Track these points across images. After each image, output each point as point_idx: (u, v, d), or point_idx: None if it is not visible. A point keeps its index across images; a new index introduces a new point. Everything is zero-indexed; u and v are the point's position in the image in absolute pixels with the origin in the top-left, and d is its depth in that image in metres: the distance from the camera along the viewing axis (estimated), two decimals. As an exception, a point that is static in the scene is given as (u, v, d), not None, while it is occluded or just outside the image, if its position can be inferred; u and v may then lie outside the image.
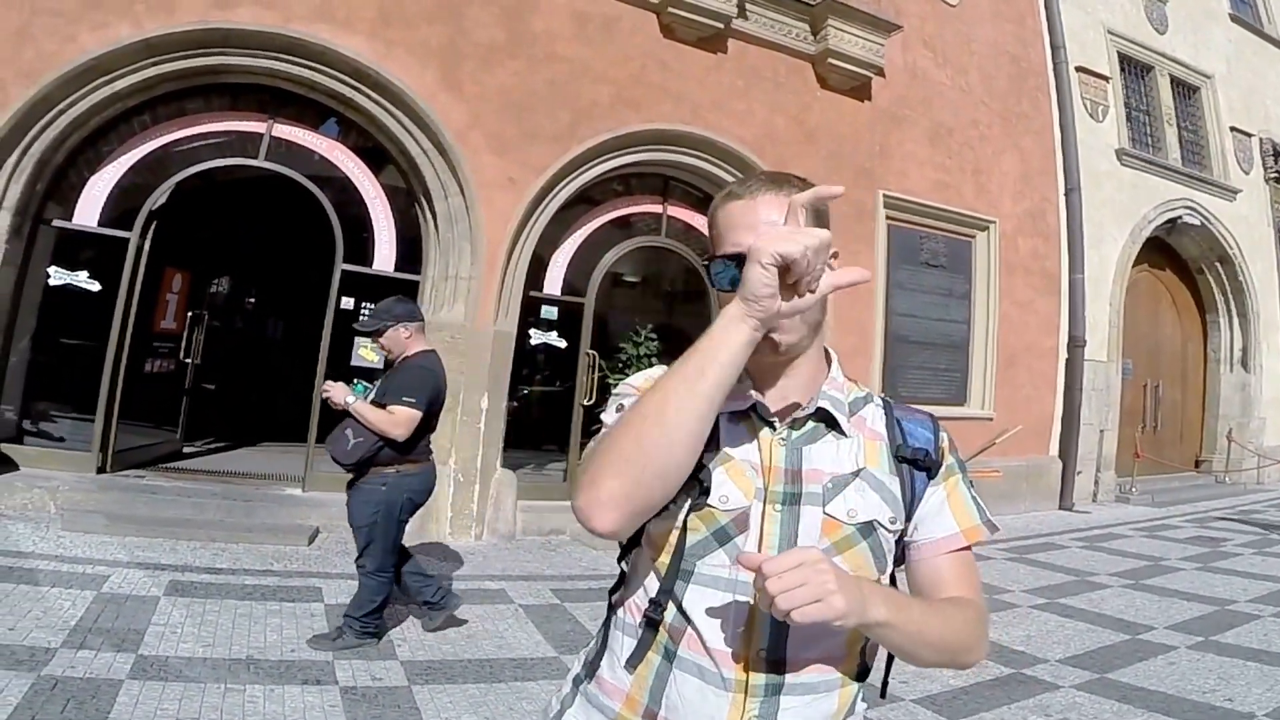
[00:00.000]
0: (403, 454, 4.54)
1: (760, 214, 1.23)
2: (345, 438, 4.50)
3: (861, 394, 1.35)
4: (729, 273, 1.20)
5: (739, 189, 1.28)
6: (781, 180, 1.27)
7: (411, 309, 4.86)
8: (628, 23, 8.45)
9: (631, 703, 1.23)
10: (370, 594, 4.49)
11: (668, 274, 10.17)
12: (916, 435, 1.33)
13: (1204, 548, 9.05)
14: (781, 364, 1.26)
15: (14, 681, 3.49)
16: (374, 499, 4.49)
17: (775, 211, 1.21)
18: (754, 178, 1.30)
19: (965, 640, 1.23)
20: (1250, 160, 14.69)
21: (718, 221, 1.29)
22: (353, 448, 4.46)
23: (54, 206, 6.95)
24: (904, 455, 1.29)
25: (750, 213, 1.24)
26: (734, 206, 1.27)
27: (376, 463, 4.49)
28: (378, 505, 4.48)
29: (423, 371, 4.64)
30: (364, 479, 4.54)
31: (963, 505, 1.31)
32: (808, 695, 1.19)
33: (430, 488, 4.79)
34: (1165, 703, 4.44)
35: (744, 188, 1.28)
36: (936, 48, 10.72)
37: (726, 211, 1.28)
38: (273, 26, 6.95)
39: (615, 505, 1.09)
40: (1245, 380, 14.36)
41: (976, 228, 10.84)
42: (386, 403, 4.50)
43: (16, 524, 5.86)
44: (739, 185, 1.30)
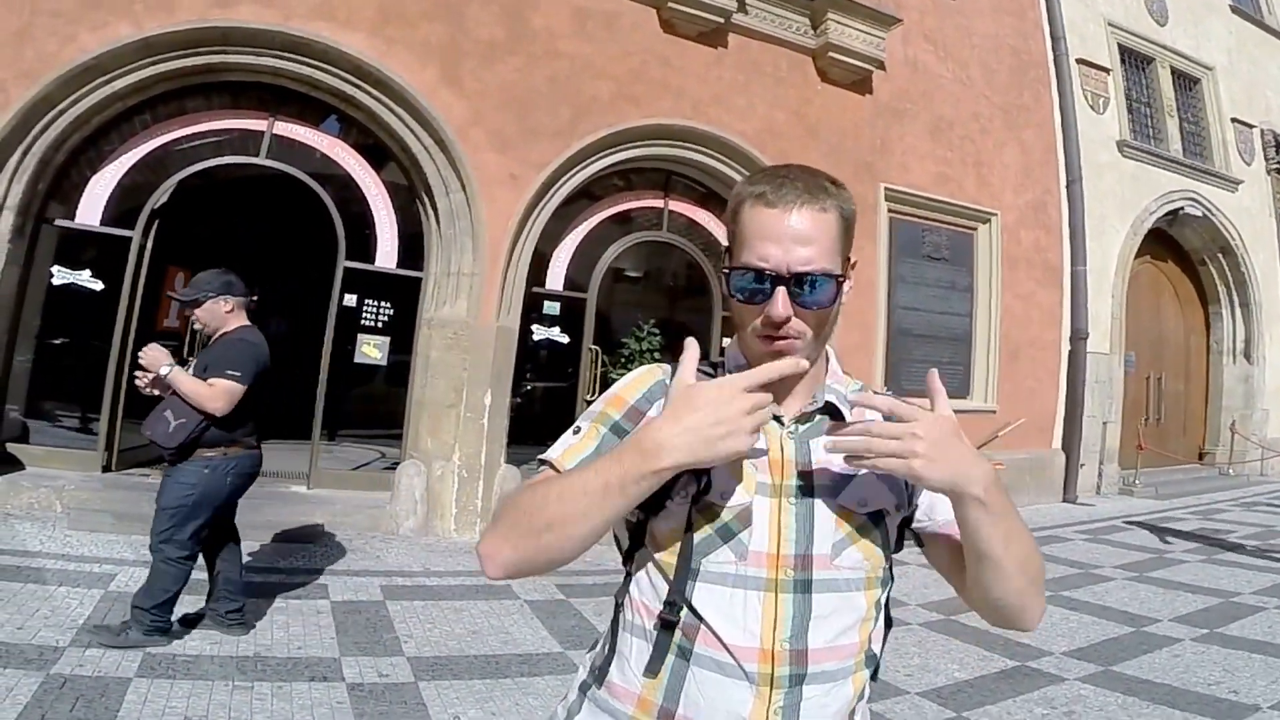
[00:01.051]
0: (230, 436, 4.23)
1: (792, 229, 1.18)
2: (165, 419, 4.11)
3: (857, 386, 1.36)
4: (748, 285, 1.20)
5: (773, 195, 1.20)
6: (818, 191, 1.21)
7: (232, 281, 4.57)
8: (628, 19, 8.44)
9: (645, 705, 1.21)
10: (166, 583, 4.09)
11: (669, 269, 10.16)
12: None
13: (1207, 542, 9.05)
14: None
15: (23, 680, 3.50)
16: (191, 481, 4.12)
17: (809, 229, 1.18)
18: (789, 180, 1.21)
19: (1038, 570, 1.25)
20: (1252, 151, 14.66)
21: (742, 221, 1.23)
22: (175, 430, 4.08)
23: (56, 206, 6.96)
24: None
25: (781, 224, 1.18)
26: (765, 215, 1.20)
27: (201, 444, 4.15)
28: (193, 488, 4.11)
29: (244, 345, 4.39)
30: (185, 461, 4.17)
31: None
32: (828, 683, 1.19)
33: (255, 473, 4.47)
34: (1170, 695, 4.45)
35: (779, 194, 1.19)
36: (937, 41, 10.70)
37: (755, 216, 1.21)
38: (273, 25, 6.95)
39: (506, 569, 1.17)
40: (1248, 372, 14.35)
41: (978, 220, 10.83)
42: (206, 377, 4.18)
43: (23, 523, 5.88)
44: (773, 189, 1.20)
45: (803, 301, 1.18)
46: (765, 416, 1.09)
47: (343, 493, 7.50)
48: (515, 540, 1.15)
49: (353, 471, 8.15)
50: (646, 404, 1.29)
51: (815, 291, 1.19)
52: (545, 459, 1.27)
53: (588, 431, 1.28)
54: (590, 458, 1.22)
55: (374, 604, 5.21)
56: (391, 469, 7.73)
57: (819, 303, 1.20)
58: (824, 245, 1.19)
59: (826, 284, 1.19)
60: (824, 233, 1.20)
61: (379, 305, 7.88)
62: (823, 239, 1.19)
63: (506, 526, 1.17)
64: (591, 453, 1.24)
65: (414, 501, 7.24)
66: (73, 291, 6.93)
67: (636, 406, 1.29)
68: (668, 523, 1.22)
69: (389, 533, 7.09)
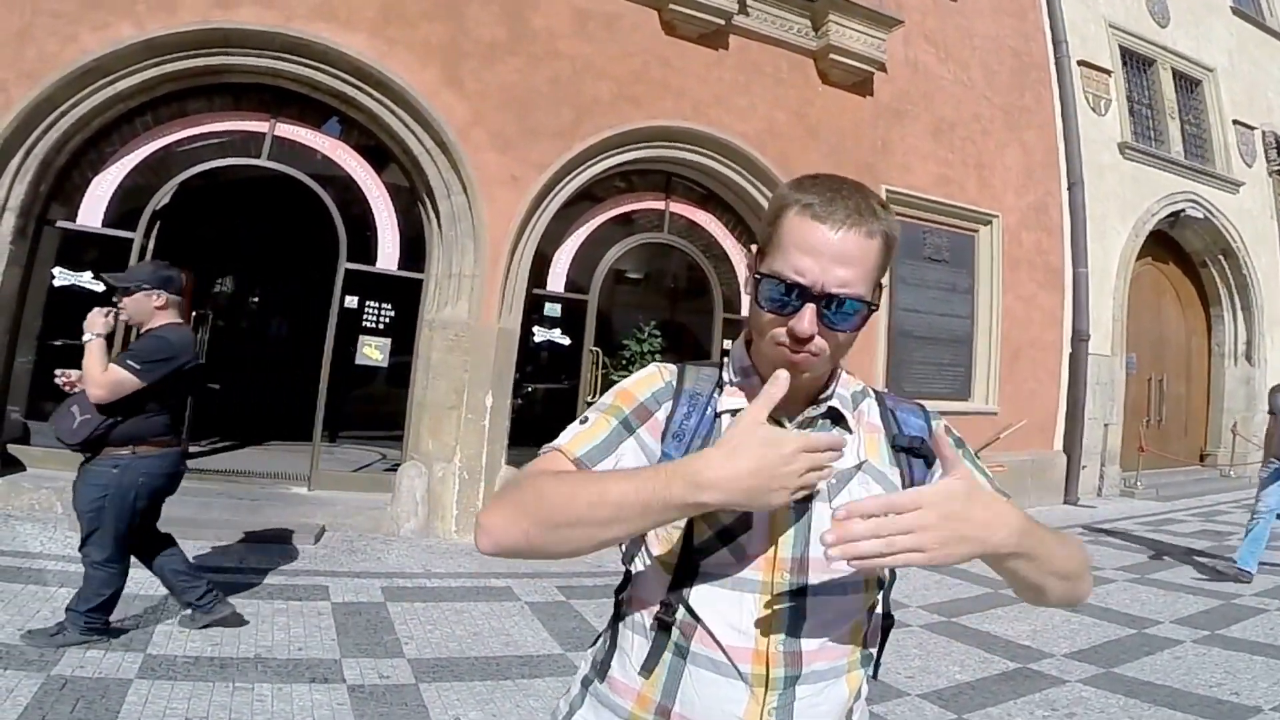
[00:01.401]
0: (139, 434, 4.07)
1: (836, 249, 1.15)
2: (71, 415, 3.99)
3: (858, 387, 1.36)
4: (778, 296, 1.18)
5: (822, 209, 1.16)
6: (868, 213, 1.17)
7: (171, 278, 4.36)
8: (629, 20, 8.45)
9: (643, 701, 1.22)
10: (96, 587, 4.01)
11: (670, 270, 10.16)
12: (910, 424, 1.34)
13: (1210, 541, 9.05)
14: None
15: (24, 681, 3.50)
16: (100, 482, 3.99)
17: (853, 252, 1.15)
18: (841, 197, 1.17)
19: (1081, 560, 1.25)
20: (1253, 153, 14.66)
21: (783, 228, 1.19)
22: (79, 425, 3.96)
23: (58, 207, 6.96)
24: (901, 445, 1.31)
25: (826, 241, 1.15)
26: (810, 228, 1.16)
27: (110, 442, 4.01)
28: (104, 489, 3.98)
29: (161, 341, 4.18)
30: (95, 460, 4.04)
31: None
32: (821, 683, 1.20)
33: (174, 474, 4.27)
34: (1171, 697, 4.44)
35: (828, 210, 1.16)
36: (938, 42, 10.70)
37: (799, 226, 1.17)
38: (274, 26, 6.95)
39: (504, 549, 1.15)
40: (1249, 374, 14.34)
41: (979, 222, 10.83)
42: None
43: (24, 524, 5.88)
44: (823, 203, 1.16)
45: (830, 323, 1.17)
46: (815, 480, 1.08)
47: (343, 494, 7.50)
48: (529, 527, 1.12)
49: (354, 473, 8.15)
50: (655, 404, 1.29)
51: (845, 315, 1.17)
52: (553, 446, 1.25)
53: (596, 421, 1.27)
54: (599, 447, 1.23)
55: (375, 605, 5.20)
56: (392, 470, 7.73)
57: (846, 326, 1.18)
58: (863, 270, 1.17)
59: (857, 309, 1.18)
60: (866, 257, 1.17)
61: (380, 307, 7.87)
62: (863, 264, 1.17)
63: (522, 510, 1.14)
64: (600, 442, 1.24)
65: (415, 503, 7.24)
66: (74, 293, 6.92)
67: (645, 405, 1.29)
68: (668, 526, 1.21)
69: (390, 534, 7.09)
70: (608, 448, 1.23)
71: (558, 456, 1.23)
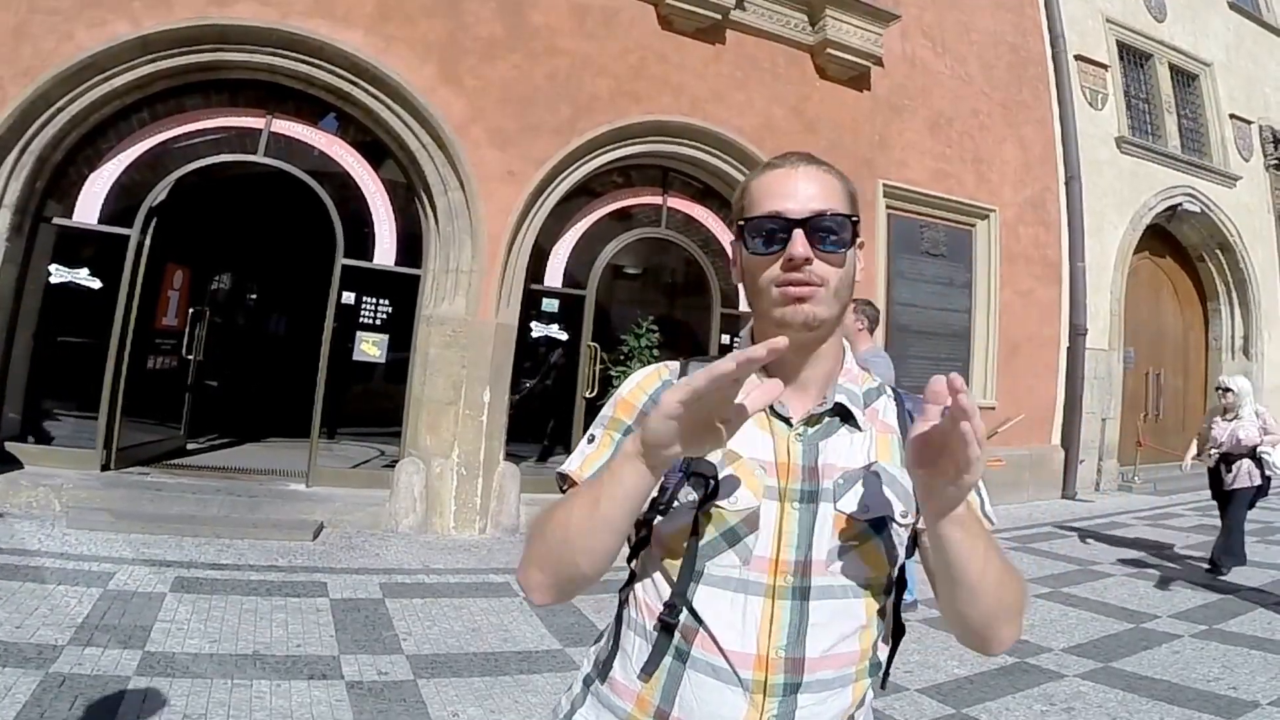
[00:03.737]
0: None
1: (801, 182, 1.22)
2: None
3: (874, 384, 1.32)
4: (764, 233, 1.21)
5: (777, 160, 1.27)
6: (819, 162, 1.27)
7: None
8: (626, 15, 8.44)
9: (643, 703, 1.21)
10: None
11: (668, 265, 10.16)
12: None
13: (1208, 536, 9.05)
14: (806, 349, 1.23)
15: (22, 679, 3.50)
16: None
17: (816, 183, 1.22)
18: (792, 152, 1.29)
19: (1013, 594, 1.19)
20: (1250, 147, 14.66)
21: (752, 191, 1.26)
22: None
23: (54, 204, 6.94)
24: None
25: (790, 179, 1.23)
26: (772, 175, 1.25)
27: None
28: None
29: None
30: None
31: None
32: (824, 692, 1.17)
33: None
34: (1170, 691, 4.45)
35: (783, 159, 1.26)
36: (935, 37, 10.69)
37: (764, 180, 1.26)
38: (270, 22, 6.94)
39: (544, 591, 1.18)
40: (1247, 368, 14.31)
41: (977, 216, 10.83)
42: None
43: (22, 522, 5.87)
44: (778, 158, 1.28)
45: (821, 244, 1.19)
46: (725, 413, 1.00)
47: (341, 490, 7.49)
48: (540, 562, 1.17)
49: (352, 469, 8.14)
50: (651, 405, 1.25)
51: (831, 234, 1.20)
52: (563, 471, 1.27)
53: (601, 439, 1.27)
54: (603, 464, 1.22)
55: (373, 602, 5.20)
56: (390, 466, 7.73)
57: (838, 245, 1.20)
58: (834, 196, 1.22)
59: (843, 225, 1.21)
60: (831, 189, 1.23)
61: (377, 302, 7.86)
62: (832, 192, 1.23)
63: (534, 551, 1.19)
64: (608, 460, 1.22)
65: (413, 499, 7.24)
66: (71, 290, 6.92)
67: (642, 410, 1.27)
68: (674, 524, 1.20)
69: (388, 530, 7.09)
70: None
71: (571, 486, 1.25)
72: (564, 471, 1.27)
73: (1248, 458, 7.19)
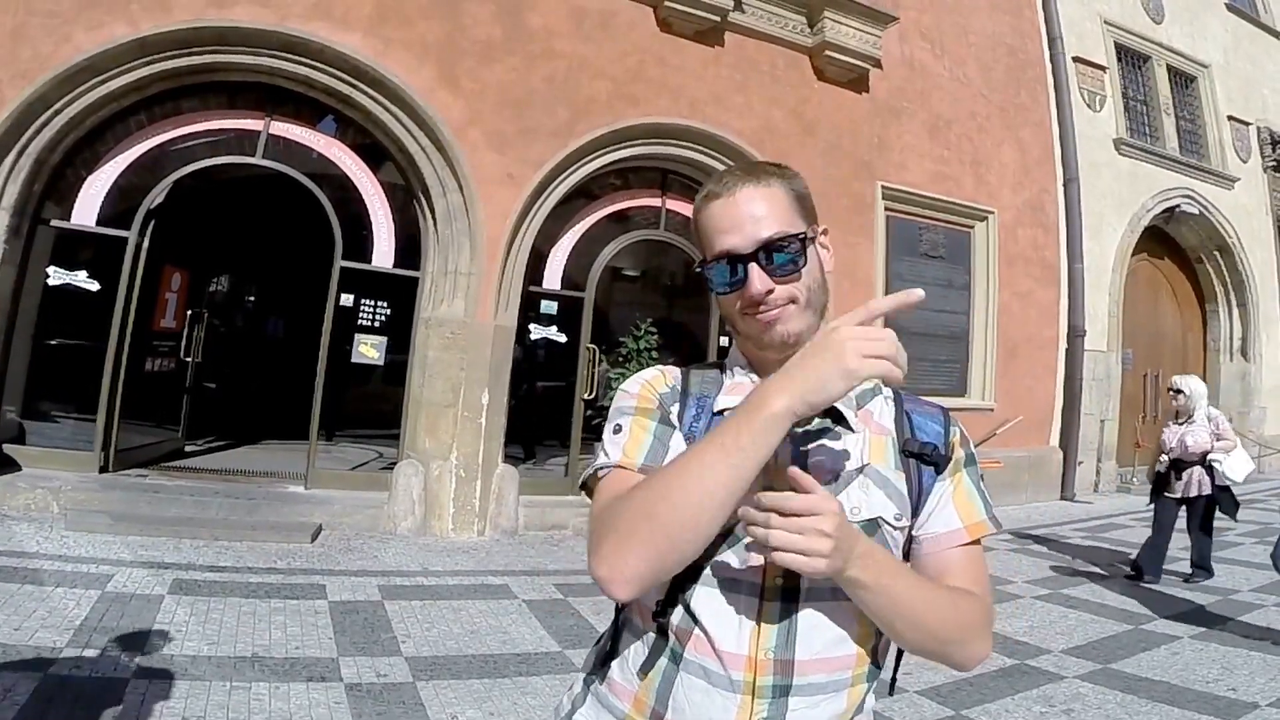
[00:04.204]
0: None
1: (742, 210, 1.21)
2: None
3: (869, 385, 1.29)
4: (723, 275, 1.22)
5: (716, 187, 1.25)
6: (759, 171, 1.26)
7: None
8: (625, 18, 8.44)
9: (639, 704, 1.22)
10: None
11: (667, 267, 10.15)
12: (925, 429, 1.28)
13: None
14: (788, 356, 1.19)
15: (21, 681, 3.49)
16: None
17: (758, 204, 1.21)
18: (729, 172, 1.28)
19: (955, 629, 1.18)
20: (1248, 149, 14.68)
21: (700, 225, 1.27)
22: None
23: (52, 206, 6.94)
24: (911, 450, 1.25)
25: (732, 209, 1.22)
26: (714, 207, 1.24)
27: None
28: None
29: None
30: None
31: (967, 500, 1.26)
32: (817, 695, 1.17)
33: None
34: (1169, 693, 4.45)
35: (721, 185, 1.25)
36: (934, 39, 10.70)
37: (708, 214, 1.25)
38: (269, 24, 6.94)
39: (641, 582, 1.09)
40: (1245, 370, 14.37)
41: (975, 219, 10.84)
42: None
43: (20, 524, 5.86)
44: (716, 183, 1.26)
45: (775, 269, 1.19)
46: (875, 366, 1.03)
47: (340, 493, 7.48)
48: (638, 547, 1.08)
49: (350, 471, 8.14)
50: (668, 401, 1.28)
51: (783, 257, 1.20)
52: (607, 464, 1.23)
53: (634, 426, 1.25)
54: (653, 449, 1.22)
55: (372, 604, 5.20)
56: (389, 469, 7.72)
57: (791, 267, 1.20)
58: (777, 213, 1.21)
59: (791, 244, 1.20)
60: (773, 204, 1.22)
61: (376, 305, 7.86)
62: (774, 209, 1.21)
63: (622, 537, 1.09)
64: (653, 443, 1.23)
65: (411, 501, 7.23)
66: (69, 292, 6.91)
67: (661, 403, 1.28)
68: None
69: (387, 532, 7.08)
70: (663, 444, 1.22)
71: (622, 474, 1.20)
72: (608, 464, 1.22)
73: (1199, 465, 6.88)
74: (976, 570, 1.26)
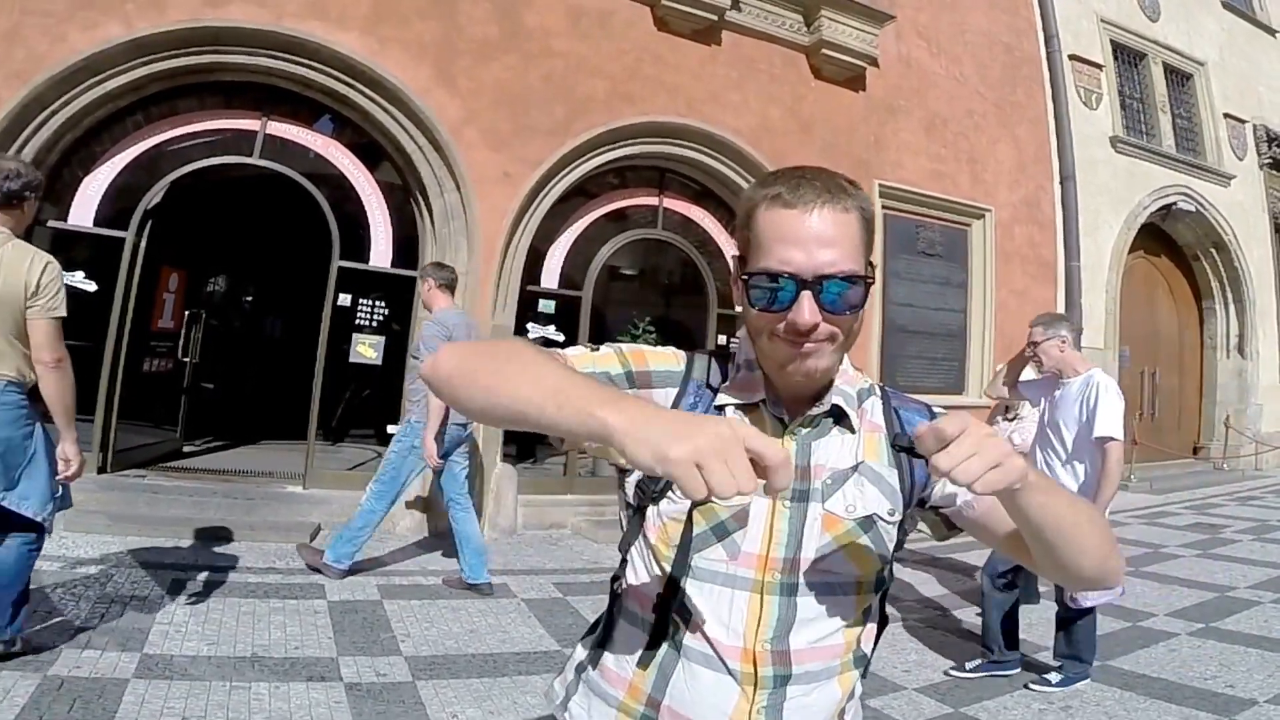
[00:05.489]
0: None
1: (815, 230, 1.11)
2: None
3: (865, 385, 1.32)
4: (769, 292, 1.13)
5: (791, 195, 1.13)
6: (838, 190, 1.14)
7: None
8: (622, 16, 8.43)
9: (635, 691, 1.23)
10: None
11: (665, 266, 10.15)
12: (913, 424, 1.29)
13: (1203, 534, 9.08)
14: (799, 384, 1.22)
15: (20, 682, 3.49)
16: None
17: (832, 230, 1.12)
18: (806, 180, 1.14)
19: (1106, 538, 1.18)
20: (1244, 146, 14.70)
21: (758, 226, 1.16)
22: None
23: (49, 207, 6.90)
24: (900, 444, 1.24)
25: (803, 226, 1.11)
26: (783, 215, 1.13)
27: None
28: None
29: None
30: None
31: None
32: (812, 684, 1.19)
33: None
34: (1167, 689, 4.47)
35: (796, 195, 1.12)
36: (930, 38, 10.72)
37: (773, 219, 1.14)
38: (265, 24, 6.92)
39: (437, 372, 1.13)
40: (1242, 366, 14.40)
41: (972, 216, 10.85)
42: None
43: (17, 525, 5.84)
44: (789, 190, 1.13)
45: (830, 306, 1.12)
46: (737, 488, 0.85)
47: (339, 492, 7.47)
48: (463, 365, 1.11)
49: (349, 471, 8.13)
50: (659, 381, 1.28)
51: (842, 295, 1.12)
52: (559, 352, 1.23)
53: (606, 355, 1.27)
54: (597, 374, 1.21)
55: (371, 603, 5.20)
56: (387, 468, 7.70)
57: (848, 306, 1.13)
58: (848, 247, 1.13)
59: (854, 286, 1.13)
60: (847, 233, 1.13)
61: (374, 304, 7.86)
62: (846, 240, 1.13)
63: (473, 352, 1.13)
64: (599, 371, 1.23)
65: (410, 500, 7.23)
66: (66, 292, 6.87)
67: (651, 374, 1.28)
68: (668, 515, 1.21)
69: (385, 532, 7.06)
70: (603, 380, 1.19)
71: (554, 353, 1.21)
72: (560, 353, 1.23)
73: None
74: None
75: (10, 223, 3.70)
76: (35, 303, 3.67)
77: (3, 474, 3.57)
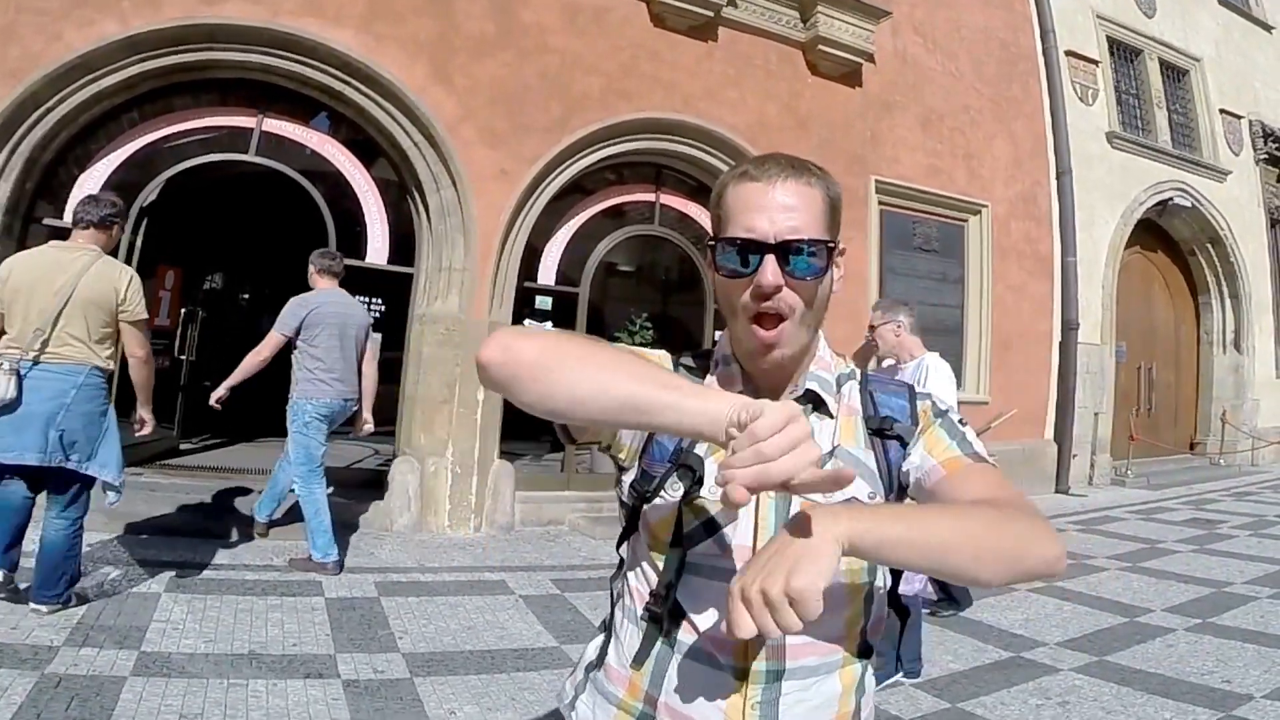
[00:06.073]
0: None
1: (778, 199, 1.16)
2: None
3: (846, 370, 1.33)
4: (735, 257, 1.17)
5: (756, 171, 1.19)
6: (802, 167, 1.20)
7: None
8: (618, 13, 8.42)
9: (634, 689, 1.23)
10: None
11: (662, 262, 10.16)
12: (888, 404, 1.30)
13: (1200, 530, 9.10)
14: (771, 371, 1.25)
15: (18, 680, 3.49)
16: None
17: (795, 200, 1.16)
18: (771, 159, 1.21)
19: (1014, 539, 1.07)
20: (1240, 142, 14.72)
21: (726, 202, 1.21)
22: None
23: (44, 205, 6.90)
24: (873, 426, 1.27)
25: (767, 196, 1.16)
26: (747, 188, 1.18)
27: None
28: None
29: None
30: None
31: (940, 443, 1.26)
32: (809, 679, 1.19)
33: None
34: (1164, 685, 4.47)
35: (761, 170, 1.19)
36: (926, 33, 10.71)
37: (738, 193, 1.19)
38: (260, 21, 6.90)
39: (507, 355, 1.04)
40: (1238, 362, 14.42)
41: (969, 212, 10.85)
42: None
43: (14, 524, 5.84)
44: (755, 167, 1.20)
45: (793, 271, 1.15)
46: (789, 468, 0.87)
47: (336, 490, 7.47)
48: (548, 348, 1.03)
49: (346, 469, 8.13)
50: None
51: (805, 260, 1.15)
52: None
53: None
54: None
55: (368, 600, 5.20)
56: (385, 466, 7.71)
57: (810, 271, 1.16)
58: (811, 215, 1.17)
59: (817, 252, 1.16)
60: (810, 205, 1.17)
61: (370, 301, 7.86)
62: (809, 210, 1.17)
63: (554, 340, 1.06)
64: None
65: (407, 498, 7.23)
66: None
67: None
68: (660, 513, 1.22)
69: (383, 529, 7.08)
70: None
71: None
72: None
73: None
74: (987, 480, 1.22)
75: (102, 240, 4.57)
76: (125, 309, 4.49)
77: (85, 445, 4.30)
